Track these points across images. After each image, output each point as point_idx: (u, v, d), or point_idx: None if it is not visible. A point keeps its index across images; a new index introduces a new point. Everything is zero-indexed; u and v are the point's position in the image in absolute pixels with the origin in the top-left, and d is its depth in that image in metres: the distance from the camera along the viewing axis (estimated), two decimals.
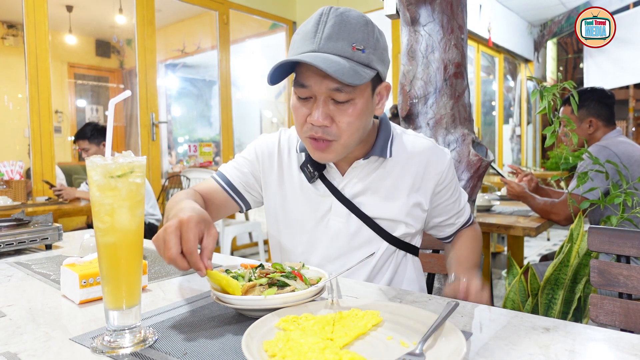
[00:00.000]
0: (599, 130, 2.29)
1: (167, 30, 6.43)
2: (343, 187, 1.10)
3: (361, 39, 0.93)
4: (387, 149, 1.09)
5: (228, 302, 0.75)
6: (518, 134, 8.02)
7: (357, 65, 0.92)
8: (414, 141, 1.13)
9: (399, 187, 1.10)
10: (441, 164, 1.12)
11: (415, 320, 0.70)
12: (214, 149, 5.41)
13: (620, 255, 1.08)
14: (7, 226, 1.34)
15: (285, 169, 1.17)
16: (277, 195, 1.17)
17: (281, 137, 1.20)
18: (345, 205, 1.10)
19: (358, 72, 0.91)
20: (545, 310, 1.60)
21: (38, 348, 0.66)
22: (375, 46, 0.95)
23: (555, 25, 7.60)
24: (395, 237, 1.12)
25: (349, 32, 0.92)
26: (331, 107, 0.96)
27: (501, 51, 7.03)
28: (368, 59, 0.93)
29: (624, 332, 0.71)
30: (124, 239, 0.68)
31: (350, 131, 0.98)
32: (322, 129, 0.96)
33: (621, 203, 1.66)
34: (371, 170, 1.10)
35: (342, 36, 0.91)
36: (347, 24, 0.92)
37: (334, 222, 1.12)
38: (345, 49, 0.91)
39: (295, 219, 1.15)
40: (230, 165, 1.21)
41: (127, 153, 0.68)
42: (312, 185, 1.12)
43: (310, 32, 0.93)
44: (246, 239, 5.19)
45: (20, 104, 5.18)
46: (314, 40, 0.92)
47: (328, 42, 0.91)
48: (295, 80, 0.98)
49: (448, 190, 1.15)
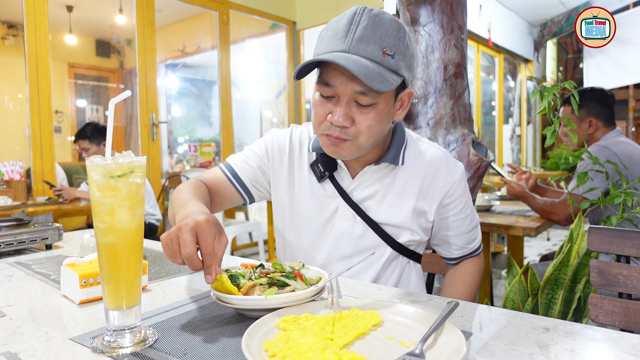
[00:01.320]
0: (598, 130, 2.29)
1: (167, 30, 6.43)
2: (352, 191, 1.10)
3: (392, 44, 0.91)
4: (399, 156, 1.08)
5: (228, 302, 0.75)
6: (518, 134, 8.02)
7: (385, 71, 0.91)
8: (427, 149, 1.13)
9: (407, 195, 1.09)
10: (451, 176, 1.10)
11: (415, 320, 0.70)
12: (214, 149, 5.41)
13: (620, 255, 1.08)
14: (7, 226, 1.34)
15: (295, 166, 1.16)
16: (286, 192, 1.17)
17: (293, 133, 1.19)
18: (352, 208, 1.10)
19: (386, 78, 0.90)
20: (545, 310, 1.60)
21: (38, 348, 0.66)
22: (405, 53, 0.94)
23: (555, 25, 7.60)
24: (399, 243, 1.11)
25: (381, 36, 0.90)
26: (353, 109, 0.95)
27: (501, 51, 7.04)
28: (397, 65, 0.92)
29: (624, 332, 0.71)
30: (124, 239, 0.68)
31: (369, 134, 0.97)
32: (341, 129, 0.96)
33: (621, 203, 1.66)
34: (381, 176, 1.10)
35: (373, 39, 0.90)
36: (380, 27, 0.91)
37: (339, 224, 1.11)
38: (375, 53, 0.90)
39: (302, 217, 1.15)
40: (239, 158, 1.20)
41: (127, 153, 0.68)
42: (321, 185, 1.12)
43: (341, 31, 0.92)
44: (246, 239, 5.19)
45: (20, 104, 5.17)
46: (345, 40, 0.91)
47: (359, 44, 0.90)
48: (320, 78, 0.97)
49: (458, 205, 1.13)
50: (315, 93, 0.99)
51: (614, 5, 6.48)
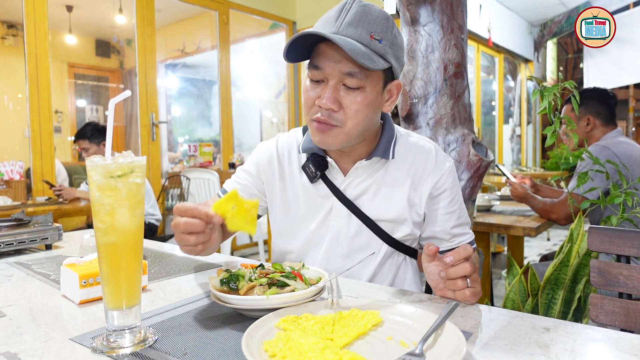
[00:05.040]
0: (597, 129, 2.29)
1: (167, 30, 6.43)
2: (345, 188, 1.10)
3: (380, 30, 0.95)
4: (390, 150, 1.09)
5: (228, 302, 0.75)
6: (518, 134, 8.02)
7: (372, 53, 0.94)
8: (416, 143, 1.13)
9: (400, 189, 1.09)
10: (440, 168, 1.11)
11: (415, 320, 0.70)
12: (214, 149, 5.41)
13: (620, 255, 1.08)
14: (7, 226, 1.34)
15: (286, 171, 1.17)
16: (280, 197, 1.17)
17: (279, 141, 1.20)
18: (347, 205, 1.10)
19: (372, 58, 0.93)
20: (545, 310, 1.60)
21: (38, 348, 0.66)
22: (393, 41, 0.97)
23: (555, 25, 7.60)
24: (395, 239, 1.11)
25: (369, 22, 0.95)
26: (341, 93, 0.97)
27: (501, 51, 7.04)
28: (384, 50, 0.95)
29: (624, 332, 0.71)
30: (124, 239, 0.68)
31: (357, 120, 0.98)
32: (329, 113, 0.97)
33: (621, 203, 1.66)
34: (373, 171, 1.10)
35: (361, 24, 0.94)
36: (369, 15, 0.95)
37: (334, 223, 1.12)
38: (363, 36, 0.94)
39: (297, 219, 1.15)
40: (232, 180, 1.23)
41: (127, 153, 0.68)
42: (314, 186, 1.12)
43: (332, 17, 0.96)
44: (246, 239, 5.19)
45: (20, 104, 5.17)
46: (335, 24, 0.95)
47: (348, 27, 0.94)
48: (310, 62, 1.00)
49: (446, 198, 1.12)
50: (306, 80, 1.02)
51: (614, 5, 6.48)
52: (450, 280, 0.84)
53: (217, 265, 1.17)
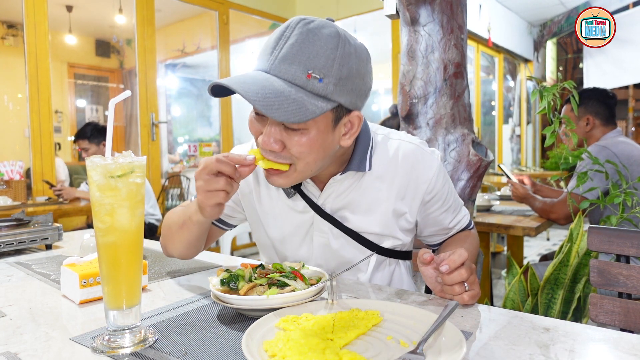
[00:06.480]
0: (596, 128, 2.30)
1: (167, 30, 6.43)
2: (323, 203, 1.04)
3: (321, 66, 0.80)
4: (365, 161, 0.99)
5: (228, 302, 0.75)
6: (518, 133, 8.02)
7: (307, 97, 0.80)
8: (397, 147, 1.04)
9: (382, 199, 1.02)
10: (429, 170, 1.03)
11: (415, 320, 0.70)
12: (214, 149, 5.41)
13: (620, 255, 1.08)
14: (7, 226, 1.34)
15: (262, 186, 1.10)
16: (258, 214, 1.12)
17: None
18: (328, 220, 1.04)
19: (304, 105, 0.79)
20: (545, 310, 1.61)
21: (38, 348, 0.66)
22: (340, 75, 0.82)
23: (555, 25, 7.60)
24: (384, 248, 1.07)
25: (308, 55, 0.80)
26: (283, 133, 0.85)
27: (501, 51, 7.04)
28: (325, 90, 0.81)
29: (623, 332, 0.71)
30: (124, 239, 0.68)
31: (307, 160, 0.87)
32: (274, 154, 0.87)
33: (621, 203, 1.66)
34: (349, 184, 1.02)
35: (298, 59, 0.80)
36: (310, 45, 0.80)
37: (317, 238, 1.06)
38: (298, 76, 0.80)
39: (278, 237, 1.10)
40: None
41: (127, 153, 0.68)
42: (292, 200, 1.06)
43: (269, 47, 0.83)
44: (246, 239, 5.19)
45: (20, 104, 5.17)
46: (270, 57, 0.82)
47: (281, 64, 0.80)
48: None
49: (439, 199, 1.06)
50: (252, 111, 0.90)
51: (614, 5, 6.47)
52: (447, 286, 0.84)
53: (217, 265, 1.17)
